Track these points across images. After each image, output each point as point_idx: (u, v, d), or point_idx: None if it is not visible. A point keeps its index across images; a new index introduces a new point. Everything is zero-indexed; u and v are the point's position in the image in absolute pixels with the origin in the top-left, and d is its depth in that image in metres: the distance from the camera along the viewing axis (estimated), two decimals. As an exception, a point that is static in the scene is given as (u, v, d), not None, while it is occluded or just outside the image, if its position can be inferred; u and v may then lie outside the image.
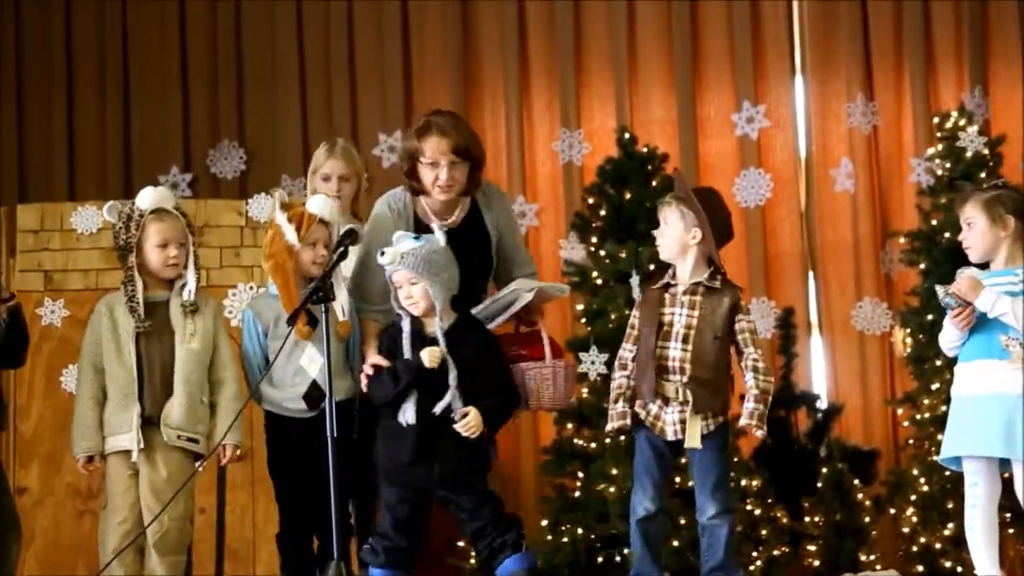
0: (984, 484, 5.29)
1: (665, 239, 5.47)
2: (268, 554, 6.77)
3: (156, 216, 5.41)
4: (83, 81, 8.63)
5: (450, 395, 5.16)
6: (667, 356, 5.34)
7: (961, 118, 7.73)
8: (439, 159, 5.53)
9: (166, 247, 5.40)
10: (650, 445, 5.42)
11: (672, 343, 5.34)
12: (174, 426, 5.35)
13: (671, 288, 5.44)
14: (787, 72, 8.50)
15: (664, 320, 5.38)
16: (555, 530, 7.30)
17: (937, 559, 7.16)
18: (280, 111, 8.58)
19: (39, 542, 6.93)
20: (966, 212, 5.41)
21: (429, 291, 5.20)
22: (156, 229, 5.40)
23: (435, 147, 5.54)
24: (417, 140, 5.58)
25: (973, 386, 5.31)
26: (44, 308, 6.00)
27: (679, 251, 5.43)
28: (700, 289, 5.38)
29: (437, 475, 5.17)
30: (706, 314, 5.35)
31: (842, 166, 8.31)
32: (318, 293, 4.86)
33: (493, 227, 5.74)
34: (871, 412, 8.16)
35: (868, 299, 8.21)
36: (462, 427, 5.14)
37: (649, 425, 5.36)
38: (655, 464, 5.42)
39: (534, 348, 5.54)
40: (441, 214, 5.65)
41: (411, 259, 5.20)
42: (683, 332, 5.33)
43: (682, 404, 5.31)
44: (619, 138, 7.88)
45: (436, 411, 5.15)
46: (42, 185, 8.51)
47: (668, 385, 5.33)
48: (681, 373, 5.31)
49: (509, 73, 8.53)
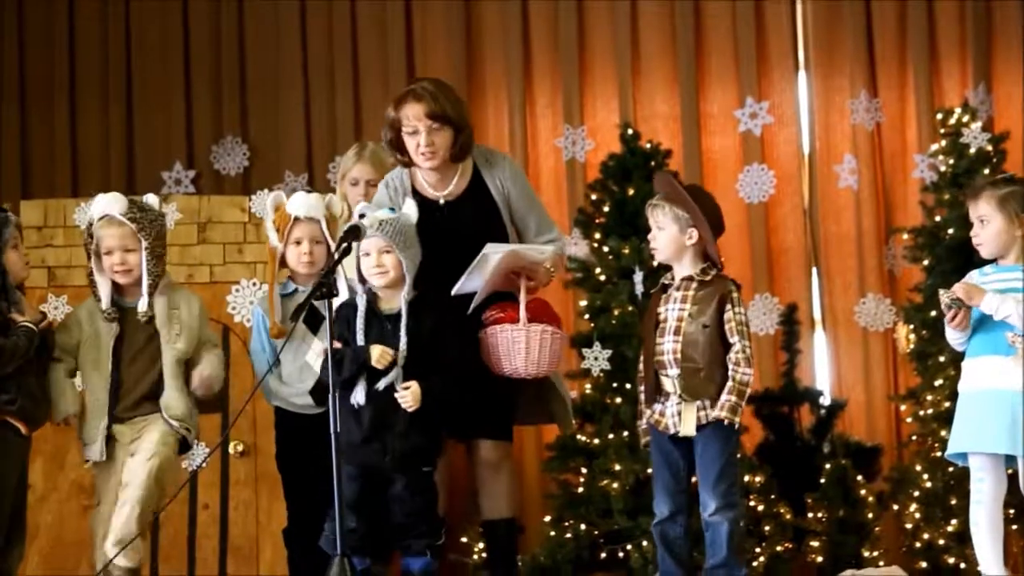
0: (989, 480, 5.29)
1: (660, 242, 5.45)
2: (271, 551, 6.78)
3: (103, 223, 5.44)
4: (86, 76, 8.62)
5: (394, 373, 5.08)
6: (662, 351, 5.34)
7: (964, 115, 7.73)
8: (417, 125, 5.44)
9: (110, 254, 5.42)
10: (657, 449, 5.43)
11: (666, 337, 5.35)
12: (178, 417, 5.39)
13: (667, 288, 5.45)
14: (790, 68, 8.49)
15: (659, 319, 5.39)
16: (558, 526, 7.31)
17: (940, 555, 7.16)
18: (283, 107, 8.58)
19: (43, 539, 6.93)
20: (980, 208, 5.36)
21: (402, 262, 5.14)
22: (102, 236, 5.44)
23: (412, 113, 5.44)
24: (395, 109, 5.49)
25: (979, 382, 5.30)
26: (48, 304, 6.00)
27: (675, 252, 5.42)
28: (692, 284, 5.38)
29: (389, 454, 5.09)
30: (697, 305, 5.34)
31: (845, 162, 8.30)
32: (321, 289, 4.84)
33: (498, 192, 5.61)
34: (874, 408, 8.15)
35: (871, 295, 8.21)
36: (400, 397, 5.06)
37: (654, 423, 5.37)
38: (664, 466, 5.41)
39: (512, 311, 5.42)
40: (437, 185, 5.57)
41: (388, 227, 5.14)
42: (675, 325, 5.34)
43: (679, 396, 5.32)
44: (622, 134, 7.88)
45: (379, 387, 5.07)
46: (45, 181, 8.50)
47: (665, 380, 5.34)
48: (675, 365, 5.31)
49: (512, 69, 8.53)
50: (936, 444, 7.29)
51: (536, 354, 5.36)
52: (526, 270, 5.40)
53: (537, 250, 5.47)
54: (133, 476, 5.28)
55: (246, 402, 5.46)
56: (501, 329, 5.37)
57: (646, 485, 7.16)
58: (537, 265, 5.42)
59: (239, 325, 6.31)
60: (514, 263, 5.35)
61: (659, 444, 5.41)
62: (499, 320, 5.40)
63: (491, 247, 5.28)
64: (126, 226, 5.40)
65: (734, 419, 5.30)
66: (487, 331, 5.41)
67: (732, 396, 5.29)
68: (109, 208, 5.42)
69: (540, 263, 5.43)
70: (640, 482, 7.17)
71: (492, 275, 5.33)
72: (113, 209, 5.41)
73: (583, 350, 6.71)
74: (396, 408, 5.07)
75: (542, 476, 7.87)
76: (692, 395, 5.30)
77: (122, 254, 5.40)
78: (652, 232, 5.47)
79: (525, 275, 5.40)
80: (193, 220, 7.23)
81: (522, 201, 5.65)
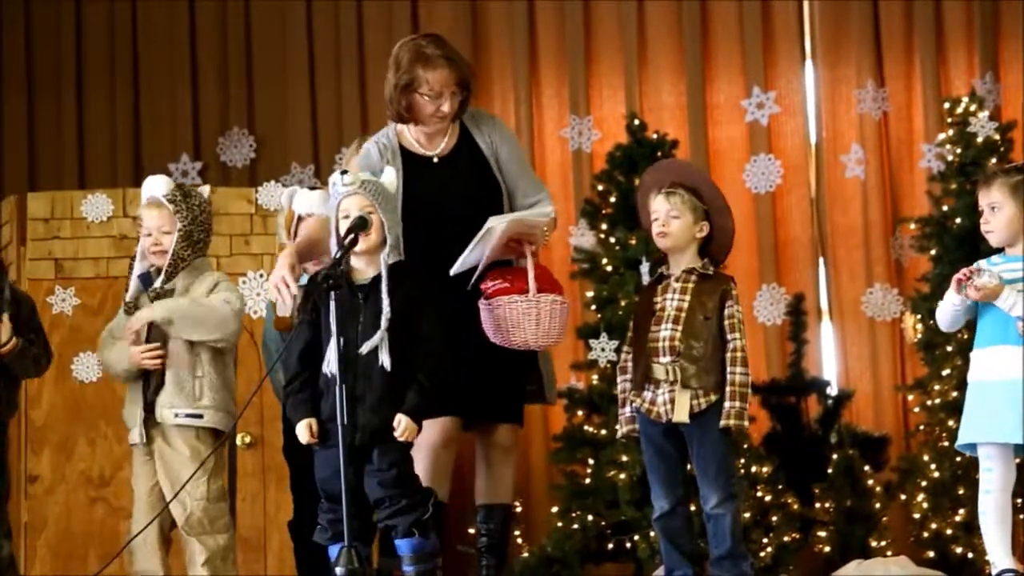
0: (998, 469, 5.27)
1: (673, 229, 5.38)
2: (279, 542, 6.79)
3: (147, 205, 5.47)
4: (93, 69, 8.64)
5: (378, 337, 4.86)
6: (658, 338, 5.28)
7: (972, 104, 7.72)
8: (443, 91, 5.32)
9: (150, 235, 5.44)
10: (649, 443, 5.37)
11: (663, 325, 5.28)
12: (168, 406, 5.37)
13: (664, 279, 5.40)
14: (797, 58, 8.49)
15: (656, 308, 5.34)
16: (565, 517, 7.32)
17: (948, 545, 7.16)
18: (290, 99, 8.58)
19: (51, 529, 6.95)
20: (992, 196, 5.33)
21: (384, 223, 4.96)
22: (143, 217, 5.48)
23: (441, 78, 5.32)
24: (423, 69, 5.32)
25: (989, 372, 5.28)
26: (55, 297, 5.99)
27: (685, 243, 5.38)
28: (693, 277, 5.34)
29: (359, 431, 4.86)
30: (698, 298, 5.32)
31: (852, 152, 8.30)
32: (328, 281, 4.82)
33: (488, 148, 5.48)
34: (881, 398, 8.15)
35: (878, 285, 8.20)
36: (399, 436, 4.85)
37: (645, 412, 5.32)
38: (657, 459, 5.37)
39: (519, 281, 5.24)
40: (427, 144, 5.45)
41: (371, 187, 4.97)
42: (674, 314, 5.27)
43: (671, 384, 5.28)
44: (628, 124, 7.88)
45: (363, 351, 4.84)
46: (52, 173, 8.51)
47: (658, 367, 5.27)
48: (671, 352, 5.27)
49: (518, 60, 8.52)
50: (944, 434, 7.29)
51: (547, 325, 5.21)
52: (526, 236, 5.26)
53: (539, 214, 5.36)
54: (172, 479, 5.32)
55: (252, 394, 5.44)
56: (510, 300, 5.19)
57: (653, 476, 7.18)
58: (536, 229, 5.29)
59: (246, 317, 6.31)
60: (517, 230, 5.23)
61: (650, 438, 5.35)
62: (505, 291, 5.23)
63: (494, 219, 5.15)
64: (164, 208, 5.41)
65: (743, 425, 5.28)
66: (492, 302, 5.23)
67: (736, 402, 5.23)
68: (154, 189, 5.45)
69: (540, 226, 5.30)
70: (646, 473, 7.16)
71: (495, 246, 5.21)
72: (157, 190, 5.43)
73: (590, 341, 6.70)
74: (369, 382, 4.88)
75: (549, 467, 7.87)
76: (688, 383, 5.26)
77: (158, 235, 5.42)
78: (661, 218, 5.35)
79: (526, 241, 5.25)
80: (200, 212, 7.23)
81: (512, 162, 5.52)
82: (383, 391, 4.88)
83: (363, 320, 4.90)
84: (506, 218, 5.18)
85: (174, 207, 5.40)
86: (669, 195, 5.37)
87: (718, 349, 5.28)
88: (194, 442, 5.38)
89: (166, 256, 5.43)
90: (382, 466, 4.90)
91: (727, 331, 5.30)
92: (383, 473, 4.89)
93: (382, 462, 4.90)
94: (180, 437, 5.38)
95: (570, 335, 7.99)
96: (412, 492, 4.95)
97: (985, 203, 5.36)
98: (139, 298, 5.46)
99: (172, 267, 5.41)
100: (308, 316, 4.96)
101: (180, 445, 5.37)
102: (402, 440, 4.86)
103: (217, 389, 5.44)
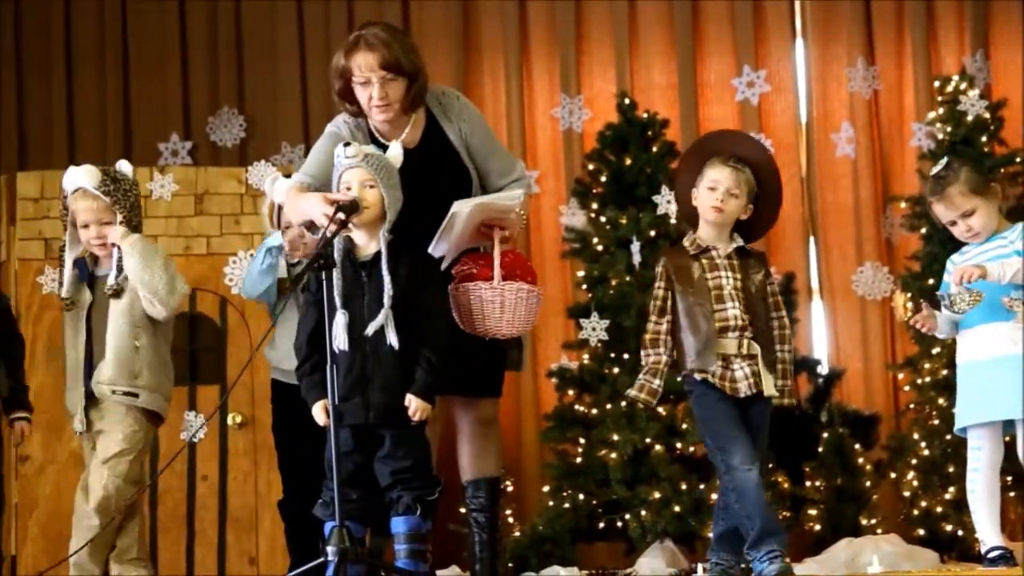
0: (987, 448, 5.29)
1: (730, 208, 5.23)
2: (270, 521, 6.80)
3: (77, 196, 5.37)
4: (83, 48, 8.61)
5: (383, 316, 4.82)
6: (727, 316, 5.18)
7: (962, 82, 7.73)
8: (370, 76, 5.12)
9: (87, 227, 5.37)
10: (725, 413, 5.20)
11: (728, 303, 5.19)
12: (106, 382, 5.31)
13: (706, 254, 5.27)
14: (788, 36, 8.48)
15: (710, 284, 5.24)
16: (557, 496, 7.33)
17: (938, 523, 7.18)
18: (280, 78, 8.56)
19: (41, 509, 6.95)
20: (958, 204, 5.31)
21: (385, 198, 4.92)
22: (76, 210, 5.38)
23: (364, 63, 5.12)
24: (345, 58, 5.17)
25: (979, 352, 5.29)
26: (45, 276, 5.98)
27: (732, 223, 5.28)
28: (734, 255, 5.30)
29: (372, 410, 4.85)
30: (747, 274, 5.27)
31: (843, 131, 8.30)
32: (319, 261, 4.80)
33: (457, 137, 5.31)
34: (872, 377, 8.17)
35: (869, 264, 8.21)
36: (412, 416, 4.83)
37: (720, 387, 5.18)
38: (737, 428, 5.19)
39: (485, 267, 5.11)
40: (389, 135, 5.26)
41: (375, 160, 4.92)
42: (733, 293, 5.22)
43: (747, 359, 5.23)
44: (619, 104, 7.88)
45: (368, 333, 4.81)
46: (42, 153, 8.49)
47: (728, 343, 5.19)
48: (742, 330, 5.22)
49: (509, 39, 8.51)
50: (934, 412, 7.31)
51: (512, 314, 5.08)
52: (497, 221, 5.12)
53: (507, 197, 5.18)
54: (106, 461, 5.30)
55: (240, 372, 5.44)
56: (475, 287, 5.08)
57: (645, 455, 7.20)
58: (508, 213, 5.14)
59: (236, 297, 6.31)
60: (485, 215, 5.10)
61: (724, 410, 5.19)
62: (471, 277, 5.12)
63: (459, 204, 5.03)
64: (100, 200, 5.33)
65: (793, 403, 5.33)
66: (459, 287, 5.12)
67: (788, 380, 5.27)
68: (82, 181, 5.34)
69: (511, 210, 5.14)
70: (638, 452, 7.19)
71: (463, 232, 5.08)
72: (86, 182, 5.33)
73: (581, 320, 6.71)
74: (378, 360, 4.85)
75: (540, 446, 7.88)
76: (765, 361, 5.23)
77: (98, 227, 5.35)
78: (720, 192, 5.22)
79: (498, 226, 5.12)
80: (190, 192, 7.21)
81: (483, 146, 5.35)
82: (392, 369, 4.86)
83: (367, 297, 4.88)
84: (471, 202, 5.07)
85: (111, 199, 5.31)
86: (737, 171, 5.27)
87: (769, 326, 5.27)
88: (129, 421, 5.32)
89: (107, 247, 5.36)
90: (397, 454, 4.88)
91: (771, 308, 5.29)
92: (398, 461, 4.88)
93: (397, 450, 4.88)
94: (116, 415, 5.33)
95: (560, 314, 8.00)
96: (423, 475, 4.93)
97: (953, 215, 5.34)
98: (76, 290, 5.39)
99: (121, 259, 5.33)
100: (314, 296, 4.96)
101: (114, 424, 5.32)
102: (415, 421, 4.84)
103: (155, 370, 5.39)
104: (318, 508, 4.96)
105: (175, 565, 7.07)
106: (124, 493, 5.33)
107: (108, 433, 5.32)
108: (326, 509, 4.89)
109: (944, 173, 5.38)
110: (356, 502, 4.88)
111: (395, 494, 4.90)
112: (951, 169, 5.38)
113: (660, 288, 5.28)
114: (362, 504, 4.91)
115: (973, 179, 5.33)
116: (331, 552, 4.67)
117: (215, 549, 7.12)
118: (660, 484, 7.11)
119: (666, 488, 7.09)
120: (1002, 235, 5.31)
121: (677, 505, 7.04)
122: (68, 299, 5.39)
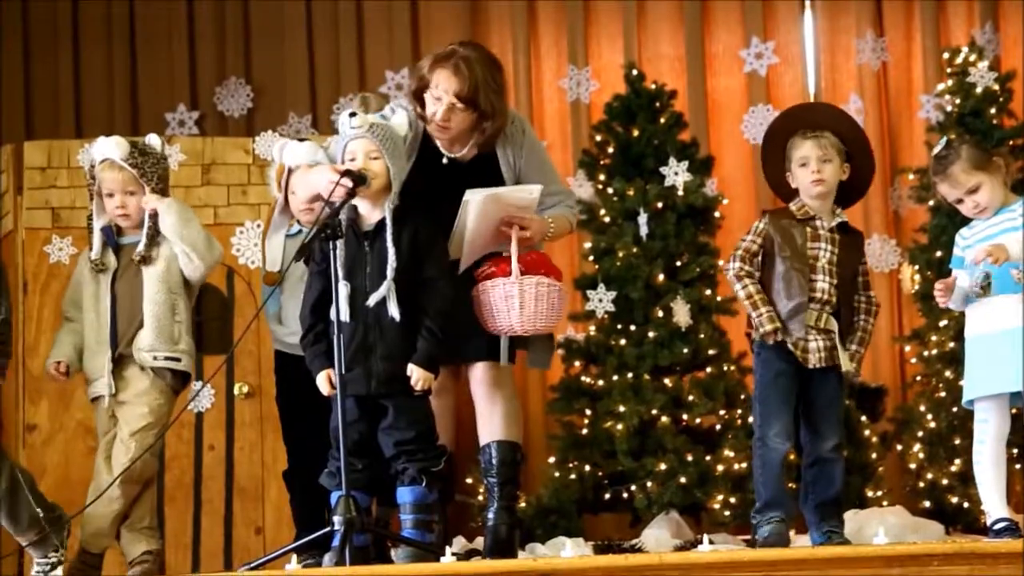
0: (994, 420, 5.31)
1: (828, 174, 5.30)
2: (276, 491, 6.80)
3: (104, 166, 5.44)
4: (90, 17, 8.58)
5: (385, 287, 4.84)
6: (815, 288, 5.26)
7: (971, 54, 7.70)
8: (443, 96, 5.16)
9: (112, 196, 5.43)
10: (787, 386, 5.30)
11: (819, 276, 5.27)
12: (147, 349, 5.35)
13: (810, 223, 5.33)
14: (796, 8, 8.45)
15: (809, 255, 5.29)
16: (563, 467, 7.33)
17: (944, 495, 7.18)
18: (287, 48, 8.54)
19: (49, 478, 6.95)
20: (967, 181, 5.32)
21: (390, 168, 4.92)
22: (103, 179, 5.45)
23: (443, 82, 5.16)
24: (430, 68, 5.20)
25: (988, 325, 5.29)
26: (52, 246, 5.99)
27: (835, 186, 5.34)
28: (836, 230, 5.33)
29: (374, 378, 4.88)
30: (845, 251, 5.33)
31: (851, 102, 8.27)
32: (326, 231, 4.80)
33: (508, 167, 5.34)
34: (879, 349, 8.14)
35: (876, 236, 8.19)
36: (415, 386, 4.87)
37: (795, 354, 5.25)
38: (786, 404, 5.32)
39: (504, 265, 5.12)
40: (447, 145, 5.33)
41: (380, 131, 4.93)
42: (827, 267, 5.28)
43: (823, 333, 5.26)
44: (627, 75, 7.85)
45: (370, 303, 4.84)
46: (49, 122, 8.47)
47: (809, 314, 5.26)
48: (826, 304, 5.26)
49: (516, 9, 8.48)
50: (940, 384, 7.30)
51: (531, 309, 5.05)
52: (517, 219, 5.14)
53: (524, 190, 5.19)
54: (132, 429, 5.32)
55: (239, 339, 5.45)
56: (492, 284, 5.08)
57: (650, 426, 7.19)
58: (527, 211, 5.16)
59: (243, 267, 6.30)
60: (502, 211, 5.11)
61: (786, 381, 5.29)
62: (490, 275, 5.14)
63: (471, 192, 5.05)
64: (126, 171, 5.40)
65: (859, 371, 5.44)
66: (478, 288, 5.15)
67: (863, 349, 5.38)
68: (110, 152, 5.41)
69: (528, 206, 5.16)
70: (644, 423, 7.19)
71: (478, 227, 5.10)
72: (114, 154, 5.40)
73: (587, 292, 6.71)
74: (380, 330, 4.88)
75: (546, 417, 7.88)
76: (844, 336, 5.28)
77: (123, 197, 5.42)
78: (813, 164, 5.29)
79: (518, 225, 5.13)
80: (197, 162, 7.21)
81: (536, 172, 5.37)
82: (395, 339, 4.88)
83: (369, 268, 4.90)
84: (484, 191, 5.07)
85: (138, 171, 5.38)
86: (818, 138, 5.31)
87: (851, 303, 5.35)
88: (155, 394, 5.35)
89: (130, 218, 5.42)
90: (400, 424, 4.90)
91: (861, 287, 5.40)
92: (401, 432, 4.90)
93: (399, 420, 4.90)
94: (140, 385, 5.35)
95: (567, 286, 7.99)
96: (428, 446, 4.95)
97: (959, 193, 5.37)
98: (104, 254, 5.44)
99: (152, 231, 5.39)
100: (318, 267, 4.96)
101: (139, 395, 5.33)
102: (419, 391, 4.86)
103: (192, 334, 5.47)
104: (324, 478, 4.98)
105: (182, 534, 7.09)
106: (150, 465, 5.38)
107: (133, 405, 5.35)
108: (332, 479, 4.91)
109: (945, 152, 5.41)
110: (361, 472, 4.90)
111: (400, 465, 4.92)
112: (951, 148, 5.40)
113: (754, 243, 5.36)
114: (367, 474, 4.93)
115: (974, 155, 5.34)
116: (337, 521, 4.69)
117: (222, 519, 7.14)
118: (666, 456, 7.12)
119: (672, 460, 7.09)
120: (1011, 208, 5.32)
121: (683, 477, 7.04)
122: (98, 260, 5.43)
